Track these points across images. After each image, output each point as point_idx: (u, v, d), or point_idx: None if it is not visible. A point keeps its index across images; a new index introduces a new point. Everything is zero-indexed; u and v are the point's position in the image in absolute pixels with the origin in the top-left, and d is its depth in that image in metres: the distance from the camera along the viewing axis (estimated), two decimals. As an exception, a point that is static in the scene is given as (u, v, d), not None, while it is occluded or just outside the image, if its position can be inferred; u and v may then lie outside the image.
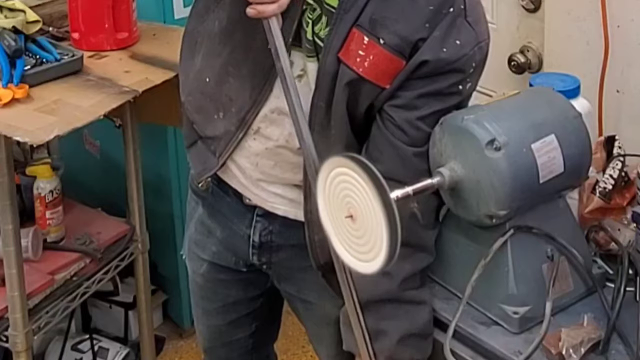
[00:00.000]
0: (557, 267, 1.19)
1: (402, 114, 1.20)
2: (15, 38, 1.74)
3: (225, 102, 1.32)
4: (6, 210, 1.77)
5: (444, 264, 1.28)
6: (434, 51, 1.17)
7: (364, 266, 0.95)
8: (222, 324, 1.57)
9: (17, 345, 1.85)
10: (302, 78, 1.25)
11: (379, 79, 1.19)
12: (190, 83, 1.39)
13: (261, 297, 1.54)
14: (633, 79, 1.60)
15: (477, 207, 1.16)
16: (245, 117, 1.30)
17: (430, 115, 1.20)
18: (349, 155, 0.94)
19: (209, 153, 1.38)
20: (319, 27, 1.21)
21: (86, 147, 2.55)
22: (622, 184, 1.38)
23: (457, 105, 1.22)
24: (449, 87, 1.19)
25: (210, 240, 1.48)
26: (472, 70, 1.20)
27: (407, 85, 1.19)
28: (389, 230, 0.90)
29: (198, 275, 1.54)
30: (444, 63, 1.17)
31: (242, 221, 1.41)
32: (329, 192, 0.99)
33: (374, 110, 1.23)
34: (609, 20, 1.59)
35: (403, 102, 1.20)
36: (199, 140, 1.41)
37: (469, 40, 1.19)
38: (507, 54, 1.83)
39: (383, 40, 1.17)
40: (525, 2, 1.77)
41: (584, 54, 1.65)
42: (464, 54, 1.18)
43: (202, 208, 1.48)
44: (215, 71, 1.33)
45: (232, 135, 1.32)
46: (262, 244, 1.40)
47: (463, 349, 1.19)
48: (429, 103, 1.20)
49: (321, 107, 1.22)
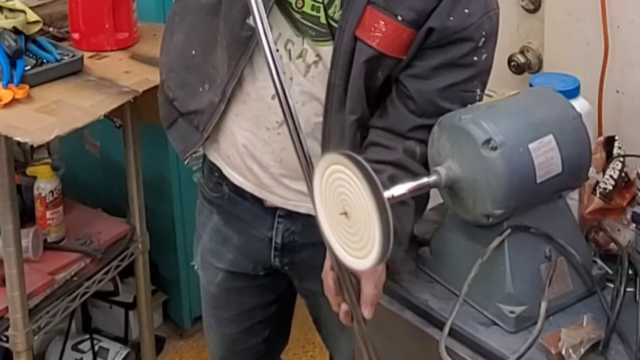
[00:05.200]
0: (554, 267, 1.19)
1: (415, 84, 1.21)
2: (15, 38, 1.75)
3: (212, 73, 1.32)
4: (6, 210, 1.78)
5: (443, 263, 1.28)
6: (440, 19, 1.18)
7: (357, 262, 0.96)
8: (236, 332, 1.57)
9: (18, 345, 1.85)
10: (318, 64, 1.26)
11: (396, 52, 1.20)
12: (171, 61, 1.40)
13: (276, 302, 1.55)
14: (633, 79, 1.60)
15: (473, 206, 1.16)
16: (225, 89, 1.30)
17: (447, 88, 1.21)
18: (345, 153, 0.94)
19: (191, 128, 1.38)
20: (333, 10, 1.22)
21: (86, 148, 2.55)
22: (622, 184, 1.38)
23: (473, 77, 1.22)
24: (462, 58, 1.20)
25: (226, 248, 1.48)
26: (483, 40, 1.21)
27: (421, 55, 1.21)
28: (382, 228, 0.90)
29: (213, 285, 1.54)
30: (451, 32, 1.18)
31: (263, 224, 1.41)
32: (325, 189, 0.99)
33: (390, 81, 1.24)
34: (609, 21, 1.59)
35: (417, 71, 1.21)
36: (180, 118, 1.41)
37: (478, 8, 1.20)
38: (507, 54, 1.82)
39: (401, 16, 1.18)
40: (525, 2, 1.76)
41: (584, 54, 1.65)
42: (471, 23, 1.19)
43: (217, 216, 1.47)
44: (203, 43, 1.33)
45: (215, 106, 1.32)
46: (284, 245, 1.41)
47: (462, 348, 1.18)
48: (443, 74, 1.21)
49: (339, 84, 1.23)
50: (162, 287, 2.52)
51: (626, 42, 1.59)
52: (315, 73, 1.26)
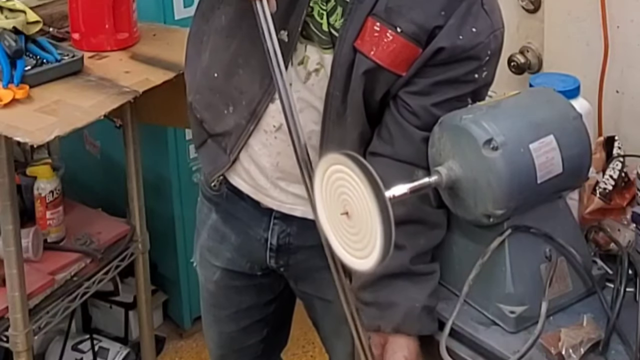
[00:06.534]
0: (554, 267, 1.19)
1: (417, 100, 1.21)
2: (15, 38, 1.74)
3: (235, 96, 1.32)
4: (7, 210, 1.77)
5: (444, 264, 1.28)
6: (450, 38, 1.18)
7: (359, 263, 0.96)
8: (234, 331, 1.56)
9: (18, 345, 1.85)
10: (320, 71, 1.26)
11: (396, 67, 1.20)
12: (197, 81, 1.39)
13: (274, 302, 1.54)
14: (633, 80, 1.60)
15: (474, 207, 1.16)
16: (257, 108, 1.30)
17: (445, 102, 1.21)
18: (347, 153, 0.94)
19: (219, 150, 1.38)
20: (334, 18, 1.22)
21: (86, 148, 2.55)
22: (622, 184, 1.38)
23: (473, 93, 1.23)
24: (465, 75, 1.21)
25: (224, 246, 1.48)
26: (487, 58, 1.21)
27: (423, 73, 1.21)
28: (383, 228, 0.90)
29: (211, 282, 1.53)
30: (460, 50, 1.18)
31: (259, 225, 1.40)
32: (326, 189, 0.99)
33: (389, 97, 1.24)
34: (609, 21, 1.59)
35: (418, 88, 1.21)
36: (209, 139, 1.41)
37: (485, 28, 1.20)
38: (507, 54, 1.82)
39: (400, 28, 1.18)
40: (525, 2, 1.77)
41: (584, 55, 1.65)
42: (479, 42, 1.19)
43: (215, 214, 1.47)
44: (223, 65, 1.33)
45: (242, 128, 1.31)
46: (279, 247, 1.40)
47: (462, 349, 1.19)
48: (444, 90, 1.21)
49: (337, 96, 1.23)
50: (162, 287, 2.52)
51: (626, 42, 1.59)
52: (315, 81, 1.26)
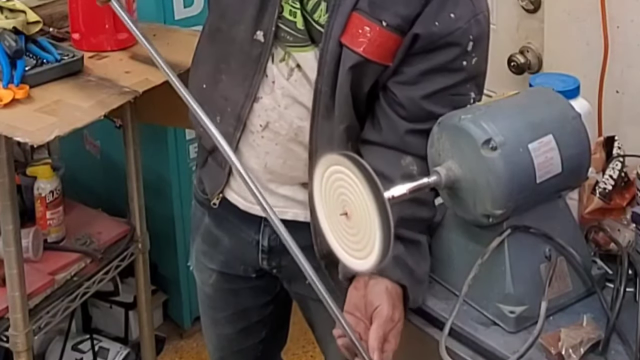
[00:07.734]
0: (554, 267, 1.19)
1: (405, 92, 1.20)
2: (15, 39, 1.74)
3: (221, 104, 1.32)
4: (7, 210, 1.77)
5: (443, 264, 1.28)
6: (425, 25, 1.17)
7: (358, 263, 0.96)
8: (232, 333, 1.57)
9: (18, 345, 1.85)
10: (299, 70, 1.26)
11: (382, 58, 1.19)
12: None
13: (272, 303, 1.54)
14: (633, 80, 1.60)
15: (473, 207, 1.16)
16: (241, 113, 1.29)
17: (435, 93, 1.20)
18: (345, 154, 0.94)
19: (218, 167, 1.38)
20: (319, 14, 1.22)
21: (86, 148, 2.56)
22: (621, 184, 1.38)
23: (465, 82, 1.21)
24: (450, 63, 1.19)
25: (217, 249, 1.48)
26: (472, 44, 1.19)
27: (408, 61, 1.20)
28: (382, 229, 0.90)
29: (207, 285, 1.54)
30: (436, 37, 1.17)
31: (251, 227, 1.40)
32: (325, 189, 0.99)
33: (377, 88, 1.23)
34: (609, 21, 1.59)
35: (405, 78, 1.20)
36: (209, 157, 1.41)
37: (465, 12, 1.18)
38: (507, 54, 1.83)
39: (385, 22, 1.17)
40: (525, 2, 1.77)
41: (584, 55, 1.65)
42: (457, 27, 1.17)
43: (208, 218, 1.47)
44: (209, 74, 1.33)
45: (231, 136, 1.31)
46: (271, 248, 1.40)
47: (462, 348, 1.18)
48: (431, 79, 1.20)
49: (326, 91, 1.22)
50: (162, 287, 2.52)
51: (626, 42, 1.59)
52: (298, 77, 1.26)
